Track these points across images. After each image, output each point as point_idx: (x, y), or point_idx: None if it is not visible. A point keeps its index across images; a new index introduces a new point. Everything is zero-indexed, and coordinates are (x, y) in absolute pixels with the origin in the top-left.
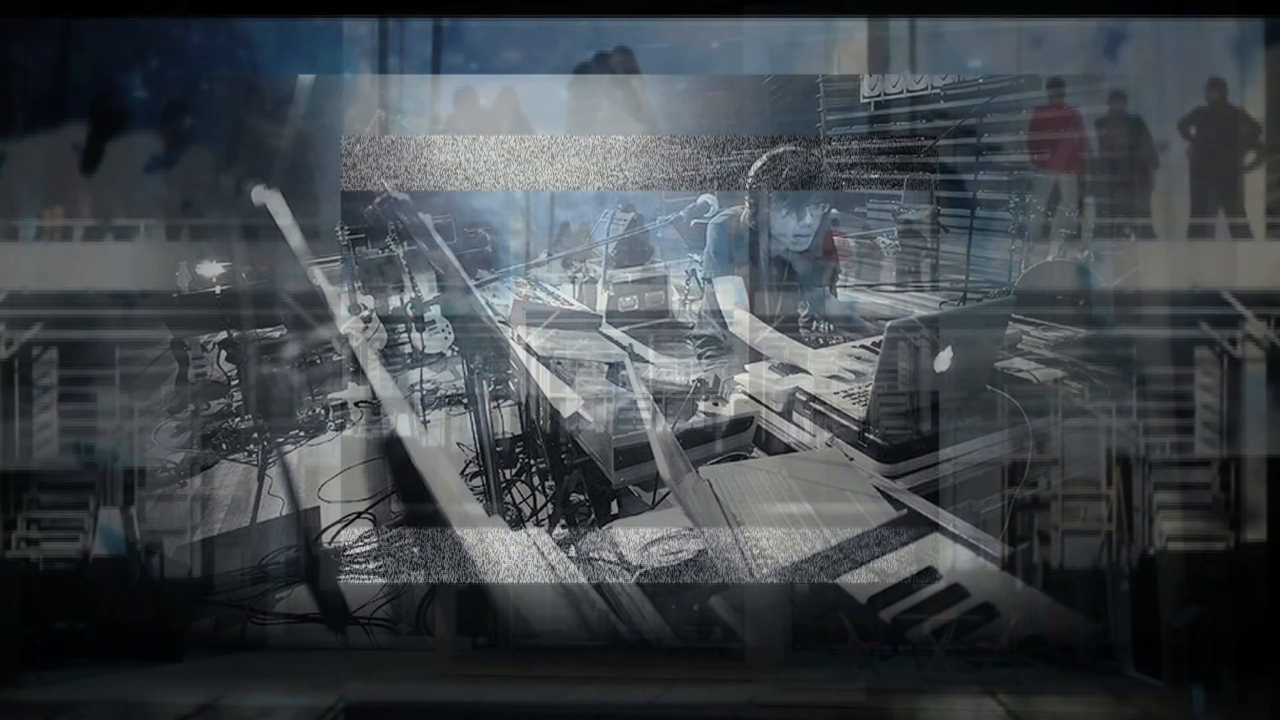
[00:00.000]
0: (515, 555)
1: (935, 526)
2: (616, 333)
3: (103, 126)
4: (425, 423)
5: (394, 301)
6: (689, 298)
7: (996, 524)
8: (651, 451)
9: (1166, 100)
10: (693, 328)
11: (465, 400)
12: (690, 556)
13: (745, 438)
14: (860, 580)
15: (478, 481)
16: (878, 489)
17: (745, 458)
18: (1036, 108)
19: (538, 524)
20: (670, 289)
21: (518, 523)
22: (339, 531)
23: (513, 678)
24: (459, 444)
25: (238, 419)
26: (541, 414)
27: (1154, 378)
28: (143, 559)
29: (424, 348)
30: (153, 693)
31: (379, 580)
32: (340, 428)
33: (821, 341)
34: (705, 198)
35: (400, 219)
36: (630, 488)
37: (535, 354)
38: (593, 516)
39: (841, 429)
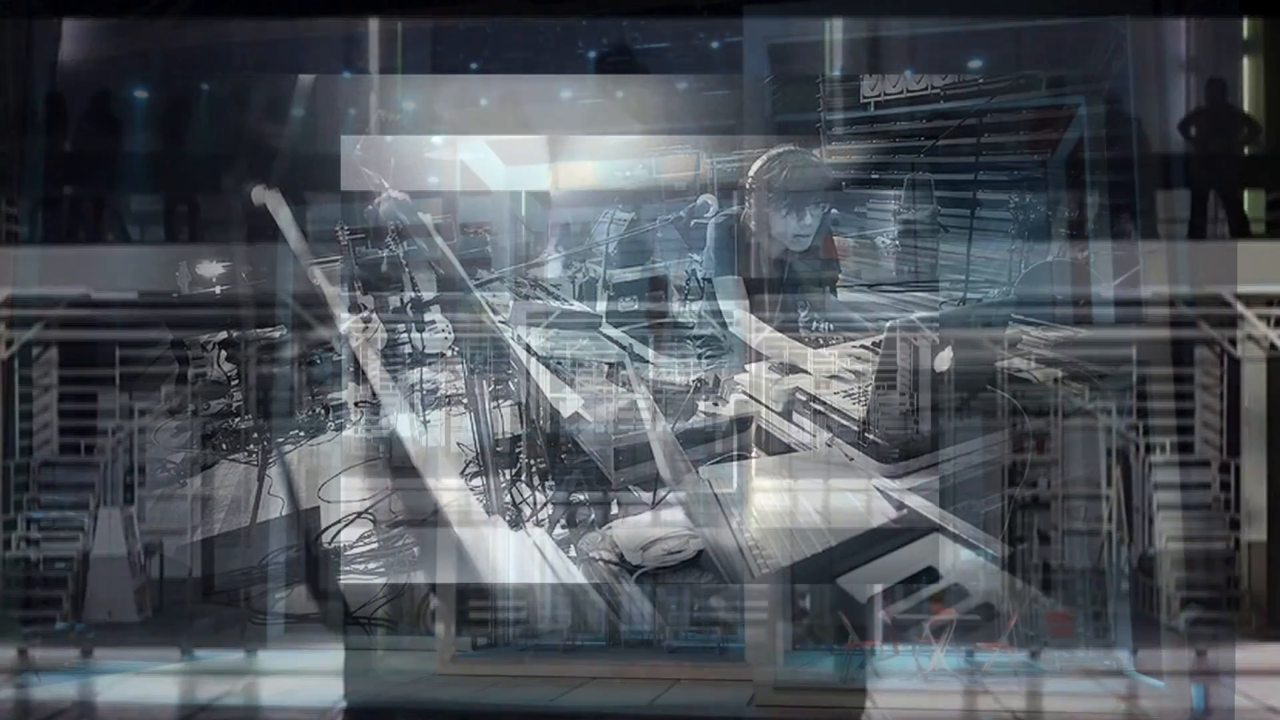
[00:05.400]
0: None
1: (935, 526)
2: (616, 333)
3: None
4: (425, 422)
5: (394, 301)
6: (689, 298)
7: (996, 524)
8: (651, 451)
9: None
10: (693, 328)
11: (465, 400)
12: (690, 556)
13: (745, 438)
14: (860, 580)
15: (478, 481)
16: (877, 489)
17: (745, 458)
18: (1037, 108)
19: (538, 524)
20: (670, 289)
21: (517, 522)
22: (339, 531)
23: (513, 677)
24: (459, 444)
25: (238, 419)
26: (541, 414)
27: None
28: (142, 559)
29: (424, 348)
30: (153, 693)
31: (379, 580)
32: (340, 428)
33: (821, 341)
34: (705, 198)
35: (400, 219)
36: (630, 487)
37: (535, 354)
38: (593, 516)
39: (841, 429)
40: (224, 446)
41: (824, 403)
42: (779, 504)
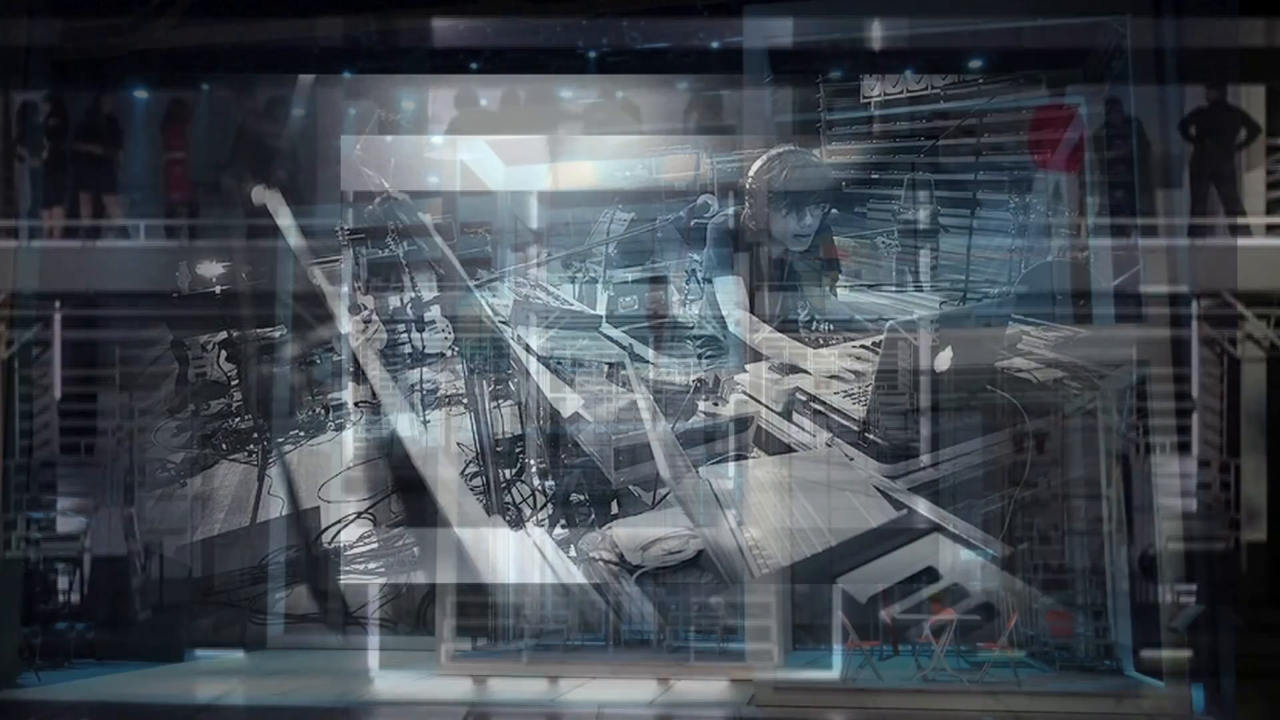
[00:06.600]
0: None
1: (935, 526)
2: (616, 333)
3: None
4: (425, 422)
5: (394, 301)
6: (689, 298)
7: (996, 524)
8: (651, 451)
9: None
10: (693, 328)
11: (465, 400)
12: (690, 556)
13: (745, 438)
14: (860, 580)
15: (478, 481)
16: (877, 489)
17: (745, 458)
18: (1038, 108)
19: (538, 524)
20: (670, 289)
21: (517, 522)
22: (339, 531)
23: (512, 677)
24: (459, 444)
25: (238, 419)
26: (541, 414)
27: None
28: (142, 559)
29: (424, 348)
30: (153, 693)
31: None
32: (340, 428)
33: (821, 341)
34: (705, 198)
35: (400, 219)
36: (630, 487)
37: (535, 354)
38: (592, 516)
39: (841, 429)
40: (224, 446)
41: (824, 403)
42: (779, 504)
